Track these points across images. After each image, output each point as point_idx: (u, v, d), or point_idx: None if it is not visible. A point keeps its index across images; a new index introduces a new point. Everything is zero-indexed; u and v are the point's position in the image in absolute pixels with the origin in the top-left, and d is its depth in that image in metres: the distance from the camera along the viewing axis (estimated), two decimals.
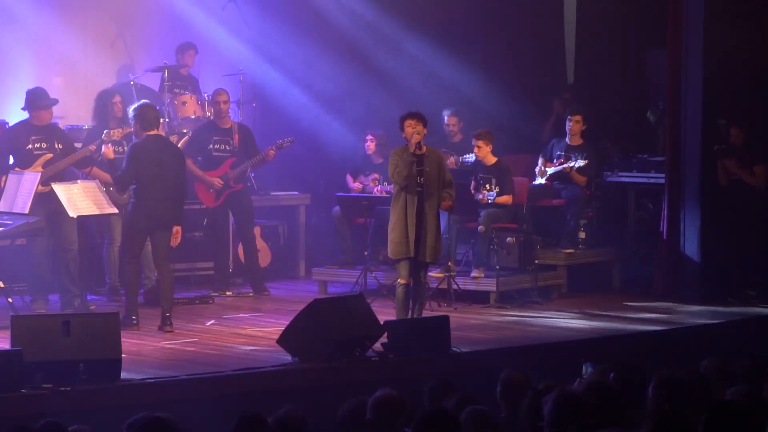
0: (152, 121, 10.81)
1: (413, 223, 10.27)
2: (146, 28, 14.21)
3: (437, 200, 10.40)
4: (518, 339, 10.58)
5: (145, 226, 10.74)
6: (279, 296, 12.56)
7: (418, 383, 8.51)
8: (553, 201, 13.00)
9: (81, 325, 8.69)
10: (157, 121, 10.91)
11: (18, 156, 11.30)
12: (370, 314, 9.76)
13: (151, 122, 10.80)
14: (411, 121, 10.40)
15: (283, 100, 14.25)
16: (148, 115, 10.80)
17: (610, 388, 6.44)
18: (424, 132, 10.40)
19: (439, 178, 10.41)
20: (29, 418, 7.54)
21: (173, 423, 5.90)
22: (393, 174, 10.40)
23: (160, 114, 11.09)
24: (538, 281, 12.27)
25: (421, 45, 14.19)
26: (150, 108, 10.95)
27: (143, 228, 10.75)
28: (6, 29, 13.10)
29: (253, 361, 9.41)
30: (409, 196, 10.33)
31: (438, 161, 10.48)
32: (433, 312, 11.37)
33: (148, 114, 10.81)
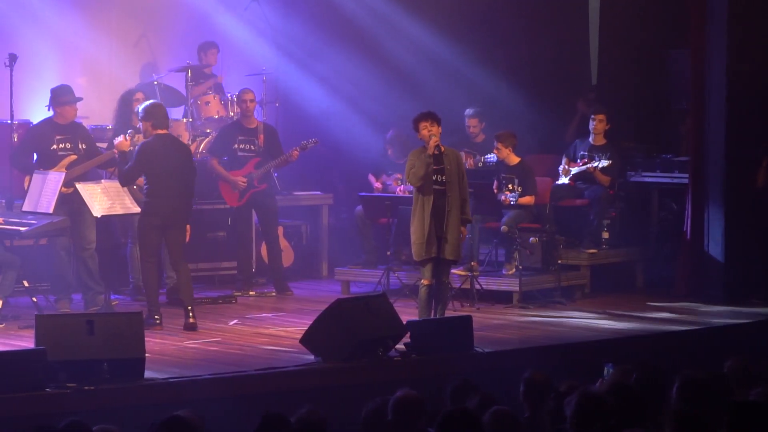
0: (162, 120, 10.84)
1: (434, 223, 10.26)
2: (170, 29, 14.25)
3: (459, 198, 10.38)
4: (541, 339, 10.57)
5: (157, 224, 10.76)
6: (302, 296, 12.58)
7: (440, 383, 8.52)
8: (576, 201, 12.98)
9: (105, 325, 8.72)
10: (166, 120, 10.92)
11: (42, 156, 11.35)
12: (393, 314, 9.76)
13: (161, 121, 10.83)
14: (425, 122, 10.40)
15: (305, 100, 14.27)
16: (157, 114, 10.83)
17: (632, 388, 6.43)
18: (439, 132, 10.39)
19: (459, 177, 10.41)
20: (53, 417, 7.57)
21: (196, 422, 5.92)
22: (408, 174, 10.39)
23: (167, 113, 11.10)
24: (561, 281, 12.24)
25: (443, 45, 14.19)
26: (159, 107, 10.98)
27: (156, 226, 10.78)
28: (30, 29, 13.16)
29: (276, 361, 9.42)
30: (427, 196, 10.31)
31: (457, 160, 10.48)
32: (455, 312, 11.37)
33: (157, 113, 10.84)
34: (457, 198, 10.35)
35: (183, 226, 10.79)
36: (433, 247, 10.28)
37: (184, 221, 10.81)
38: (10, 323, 10.72)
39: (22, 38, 12.94)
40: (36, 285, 11.40)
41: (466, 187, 10.51)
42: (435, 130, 10.39)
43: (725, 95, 12.26)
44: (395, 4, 14.20)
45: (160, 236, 10.86)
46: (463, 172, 10.50)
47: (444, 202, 10.28)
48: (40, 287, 11.53)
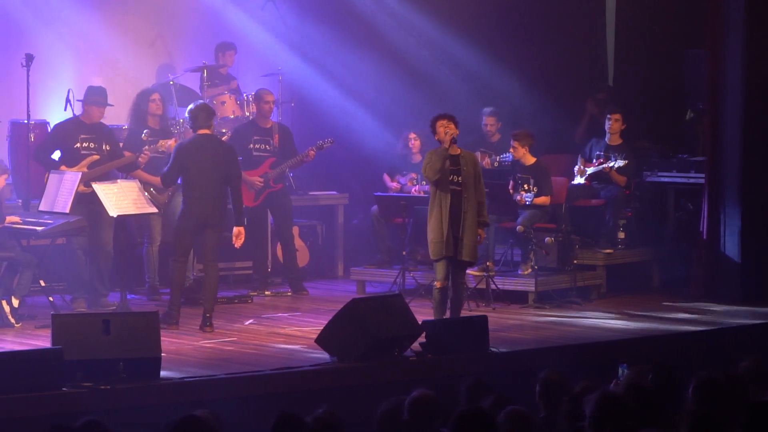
0: (202, 120, 10.86)
1: (451, 223, 10.26)
2: (185, 29, 14.27)
3: (475, 200, 10.37)
4: (556, 339, 10.56)
5: (192, 225, 10.78)
6: (317, 296, 12.59)
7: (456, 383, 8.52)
8: (592, 201, 12.96)
9: (121, 324, 8.75)
10: (207, 120, 10.93)
11: (65, 153, 11.40)
12: (408, 314, 9.76)
13: (201, 122, 10.85)
14: (443, 121, 10.42)
15: (321, 100, 14.27)
16: (198, 115, 10.86)
17: (647, 389, 6.42)
18: (456, 132, 10.39)
19: (476, 179, 10.40)
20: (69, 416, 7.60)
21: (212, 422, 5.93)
22: (425, 169, 10.38)
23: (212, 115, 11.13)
24: (577, 281, 12.23)
25: (458, 44, 14.18)
26: (203, 108, 11.01)
27: (191, 227, 10.79)
28: (47, 29, 13.19)
29: (292, 361, 9.44)
30: (444, 195, 10.31)
31: (474, 163, 10.48)
32: (471, 312, 11.37)
33: (198, 114, 10.87)
34: (474, 200, 10.34)
35: (219, 227, 10.80)
36: (450, 247, 10.28)
37: (220, 222, 10.81)
38: (27, 323, 10.76)
39: (38, 38, 12.97)
40: (52, 284, 11.44)
41: (483, 190, 10.49)
42: (452, 128, 10.41)
43: (742, 95, 12.23)
44: (410, 3, 14.20)
45: (193, 237, 10.87)
46: (480, 174, 10.49)
47: (460, 203, 10.28)
48: (57, 287, 11.57)
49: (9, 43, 12.94)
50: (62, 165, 11.32)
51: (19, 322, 10.71)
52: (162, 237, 12.09)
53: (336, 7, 14.28)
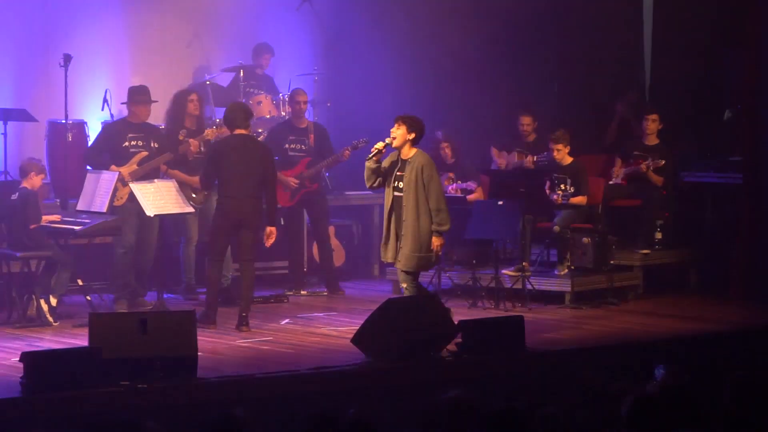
0: (238, 120, 10.89)
1: (395, 229, 10.06)
2: (222, 28, 14.31)
3: (418, 208, 9.99)
4: (593, 340, 10.52)
5: (227, 224, 10.80)
6: (353, 295, 12.60)
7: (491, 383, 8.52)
8: (629, 201, 12.91)
9: (158, 323, 8.78)
10: (243, 120, 10.95)
11: (114, 153, 11.48)
12: (444, 314, 9.75)
13: (237, 121, 10.88)
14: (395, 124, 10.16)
15: (356, 100, 14.28)
16: (234, 115, 10.89)
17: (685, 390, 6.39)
18: (405, 135, 10.06)
19: (422, 186, 9.97)
20: (107, 414, 7.65)
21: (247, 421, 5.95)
22: None
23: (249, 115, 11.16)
24: (614, 282, 12.18)
25: (495, 45, 14.15)
26: (241, 108, 11.04)
27: (226, 226, 10.82)
28: (85, 29, 13.27)
29: (327, 361, 9.44)
30: (387, 200, 10.11)
31: (417, 169, 10.00)
32: (507, 312, 11.35)
33: (235, 113, 10.90)
34: (414, 207, 9.98)
35: (255, 226, 10.82)
36: (390, 253, 10.09)
37: (256, 222, 10.83)
38: (65, 321, 10.83)
39: (76, 39, 13.05)
40: (90, 284, 11.50)
41: (436, 196, 10.00)
42: (398, 131, 10.11)
43: None
44: (446, 3, 14.19)
45: (228, 237, 10.90)
46: (431, 180, 10.00)
47: (400, 210, 10.06)
48: (94, 286, 11.64)
49: (47, 43, 13.02)
50: (112, 164, 11.40)
51: (57, 321, 10.78)
52: (199, 236, 12.13)
53: (371, 7, 14.29)
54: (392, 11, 14.26)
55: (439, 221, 10.01)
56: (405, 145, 10.11)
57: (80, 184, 11.41)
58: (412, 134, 10.07)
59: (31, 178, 10.97)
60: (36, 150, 12.49)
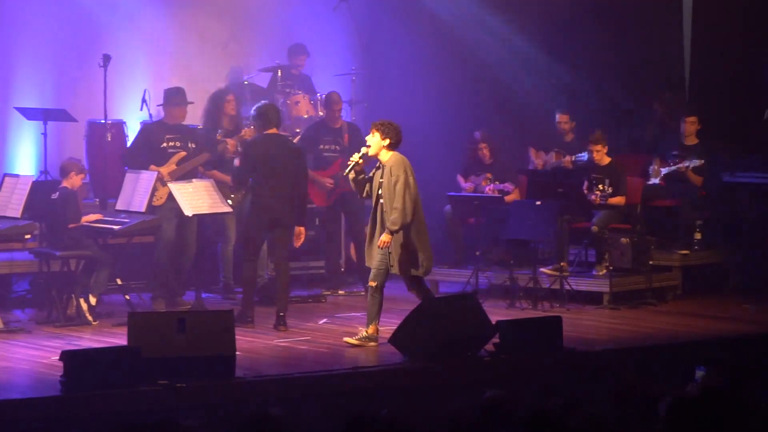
0: (270, 120, 10.92)
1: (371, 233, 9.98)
2: (259, 29, 14.35)
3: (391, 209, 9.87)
4: (631, 341, 10.47)
5: (261, 224, 10.83)
6: (390, 295, 12.52)
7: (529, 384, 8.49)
8: (667, 201, 12.85)
9: (196, 322, 8.81)
10: (276, 120, 11.00)
11: (152, 154, 11.54)
12: (482, 314, 9.73)
13: (269, 121, 10.91)
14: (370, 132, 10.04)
15: (394, 100, 14.27)
16: (267, 114, 10.92)
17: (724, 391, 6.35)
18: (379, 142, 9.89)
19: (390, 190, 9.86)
20: (145, 413, 7.68)
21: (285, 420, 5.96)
22: None
23: (280, 115, 11.20)
24: (653, 282, 12.13)
25: (533, 45, 14.12)
26: (272, 108, 11.07)
27: (260, 226, 10.85)
28: (123, 31, 13.34)
29: (364, 360, 9.45)
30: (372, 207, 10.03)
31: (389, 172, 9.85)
32: (545, 313, 11.32)
33: (267, 113, 10.93)
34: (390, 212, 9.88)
35: (289, 226, 10.84)
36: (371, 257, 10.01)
37: (290, 221, 10.85)
38: (104, 320, 10.89)
39: (115, 39, 13.12)
40: (129, 283, 11.56)
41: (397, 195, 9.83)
42: (372, 139, 9.95)
43: None
44: (483, 3, 14.16)
45: (262, 236, 10.93)
46: (397, 180, 9.85)
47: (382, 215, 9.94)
48: (133, 285, 11.69)
49: (87, 43, 13.11)
50: (151, 165, 11.46)
51: (96, 320, 10.84)
52: (236, 236, 12.17)
53: (408, 6, 14.28)
54: (429, 10, 14.25)
55: (392, 220, 9.82)
56: (381, 151, 9.96)
57: (119, 184, 11.47)
58: (386, 140, 9.91)
59: (71, 177, 11.03)
60: (75, 150, 12.57)
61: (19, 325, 10.74)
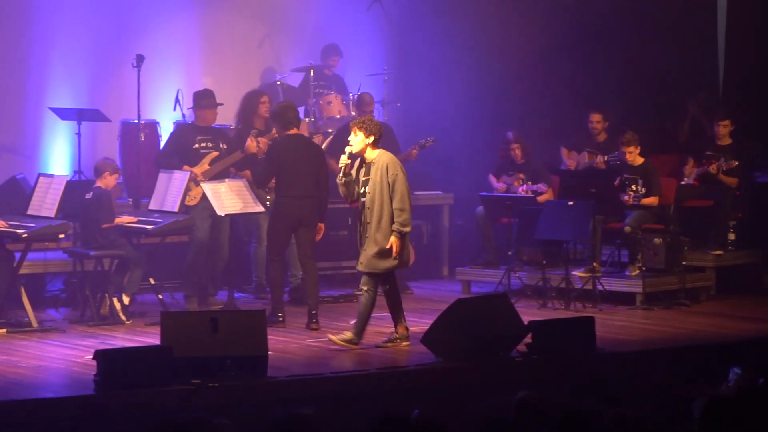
0: (292, 120, 10.93)
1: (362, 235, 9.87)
2: (292, 29, 14.39)
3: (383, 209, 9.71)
4: (665, 341, 10.43)
5: (286, 224, 10.85)
6: (422, 295, 12.59)
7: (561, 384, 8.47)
8: (701, 202, 12.78)
9: (229, 322, 8.83)
10: (296, 120, 11.01)
11: (185, 156, 11.58)
12: (514, 314, 9.71)
13: (291, 121, 10.92)
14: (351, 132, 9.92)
15: (427, 100, 14.28)
16: (287, 115, 10.92)
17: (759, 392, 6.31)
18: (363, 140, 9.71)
19: (383, 186, 9.68)
20: (178, 412, 7.70)
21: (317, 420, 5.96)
22: None
23: (299, 113, 11.21)
24: (686, 283, 12.08)
25: (565, 44, 14.08)
26: (289, 107, 11.07)
27: (285, 226, 10.87)
28: (155, 31, 13.40)
29: (397, 360, 9.45)
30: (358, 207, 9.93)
31: (382, 171, 9.70)
32: (577, 313, 11.29)
33: (287, 113, 10.94)
34: (379, 209, 9.70)
35: (313, 225, 10.85)
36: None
37: (315, 220, 10.86)
38: (137, 320, 10.93)
39: (148, 39, 13.18)
40: (162, 282, 11.60)
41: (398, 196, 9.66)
42: (355, 138, 9.78)
43: None
44: (513, 3, 14.14)
45: (288, 236, 10.95)
46: (395, 179, 9.66)
47: (364, 213, 9.83)
48: (166, 285, 11.74)
49: (120, 44, 13.17)
50: (184, 166, 11.50)
51: (129, 319, 10.88)
52: None
53: (441, 7, 14.27)
54: (461, 11, 14.24)
55: (401, 222, 9.69)
56: (366, 149, 9.82)
57: (152, 184, 11.52)
58: (370, 137, 9.75)
59: (105, 177, 11.08)
60: (109, 150, 12.64)
61: (53, 324, 10.81)
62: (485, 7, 14.20)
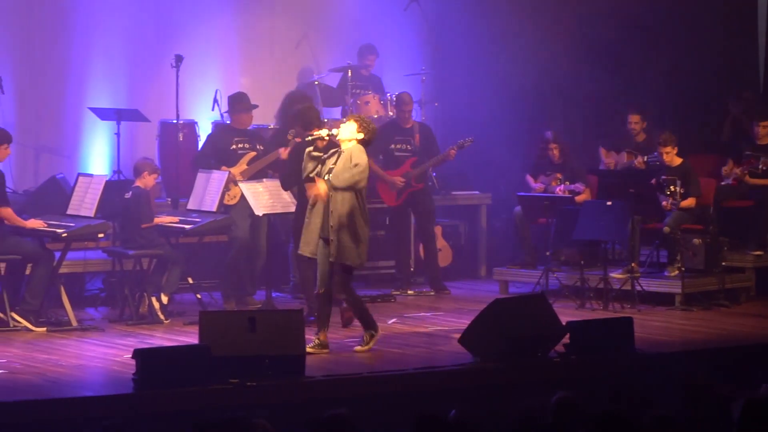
0: (312, 121, 10.90)
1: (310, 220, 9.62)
2: (330, 29, 14.41)
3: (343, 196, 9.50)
4: (704, 342, 10.37)
5: None
6: (460, 295, 12.58)
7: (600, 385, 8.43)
8: (741, 202, 12.70)
9: (266, 322, 8.85)
10: (317, 121, 10.98)
11: (222, 157, 11.62)
12: (552, 315, 9.69)
13: (310, 123, 10.89)
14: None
15: (464, 100, 14.26)
16: (308, 116, 10.89)
17: None
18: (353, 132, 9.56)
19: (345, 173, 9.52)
20: (216, 412, 7.73)
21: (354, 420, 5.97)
22: None
23: (320, 114, 11.20)
24: (726, 284, 12.00)
25: (605, 44, 14.03)
26: (310, 109, 11.04)
27: None
28: (195, 30, 13.45)
29: (434, 361, 9.44)
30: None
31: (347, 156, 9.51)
32: (616, 313, 11.25)
33: (308, 115, 10.91)
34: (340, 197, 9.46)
35: None
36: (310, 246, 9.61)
37: None
38: (175, 319, 10.98)
39: (187, 40, 13.24)
40: (200, 282, 11.65)
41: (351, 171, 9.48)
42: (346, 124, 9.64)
43: None
44: (551, 4, 14.09)
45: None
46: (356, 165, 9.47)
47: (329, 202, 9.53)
48: (204, 284, 11.78)
49: (159, 44, 13.24)
50: (222, 167, 11.54)
51: (167, 318, 10.93)
52: None
53: (478, 6, 14.25)
54: (499, 11, 14.21)
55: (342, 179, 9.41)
56: (351, 142, 9.62)
57: (191, 184, 11.56)
58: (360, 134, 9.62)
59: (144, 177, 11.13)
60: (148, 150, 12.71)
61: (92, 323, 10.87)
62: (523, 7, 14.16)
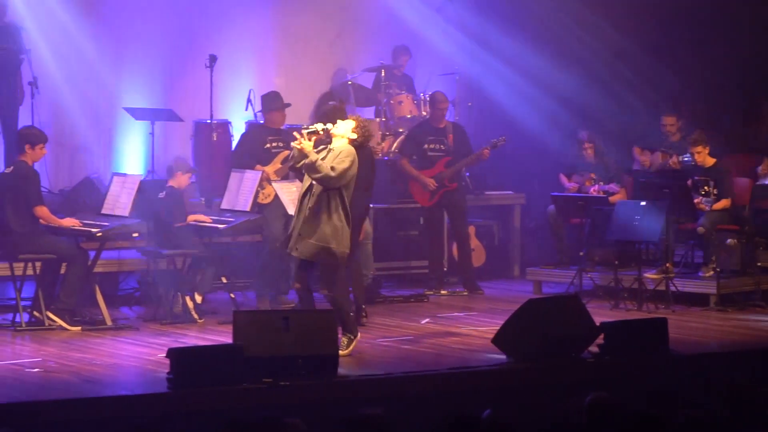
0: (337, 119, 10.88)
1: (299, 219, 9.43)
2: (363, 29, 14.42)
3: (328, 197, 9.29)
4: (739, 343, 10.31)
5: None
6: (493, 295, 12.56)
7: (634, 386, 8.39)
8: None
9: (300, 321, 8.86)
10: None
11: (256, 156, 11.64)
12: (586, 315, 9.65)
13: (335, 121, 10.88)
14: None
15: (498, 100, 14.24)
16: (333, 117, 10.85)
17: None
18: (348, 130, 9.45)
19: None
20: (249, 411, 7.75)
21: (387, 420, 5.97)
22: None
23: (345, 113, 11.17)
24: (761, 284, 11.93)
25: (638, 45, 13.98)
26: (337, 109, 11.00)
27: None
28: (227, 32, 13.49)
29: (467, 361, 9.42)
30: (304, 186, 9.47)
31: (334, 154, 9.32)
32: (650, 314, 11.20)
33: (333, 115, 10.86)
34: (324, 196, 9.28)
35: (358, 224, 10.82)
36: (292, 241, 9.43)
37: (361, 219, 10.83)
38: (209, 318, 11.00)
39: (221, 40, 13.28)
40: (234, 281, 11.67)
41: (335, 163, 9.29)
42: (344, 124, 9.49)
43: None
44: (587, 4, 14.05)
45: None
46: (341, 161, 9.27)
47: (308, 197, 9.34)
48: (238, 283, 11.81)
49: (193, 44, 13.28)
50: (257, 165, 11.57)
51: (201, 317, 10.96)
52: None
53: (514, 7, 14.23)
54: (533, 10, 14.19)
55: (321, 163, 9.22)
56: (343, 140, 9.49)
57: (224, 183, 11.59)
58: (354, 135, 9.52)
59: (178, 177, 11.17)
60: (182, 149, 12.76)
61: (126, 322, 10.91)
62: (559, 6, 14.12)
